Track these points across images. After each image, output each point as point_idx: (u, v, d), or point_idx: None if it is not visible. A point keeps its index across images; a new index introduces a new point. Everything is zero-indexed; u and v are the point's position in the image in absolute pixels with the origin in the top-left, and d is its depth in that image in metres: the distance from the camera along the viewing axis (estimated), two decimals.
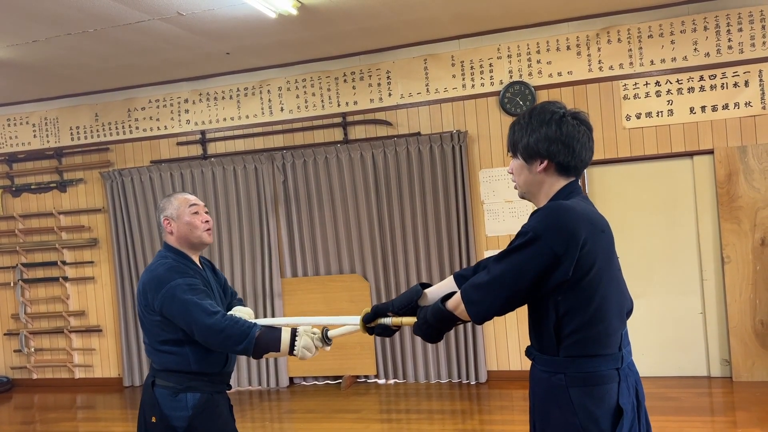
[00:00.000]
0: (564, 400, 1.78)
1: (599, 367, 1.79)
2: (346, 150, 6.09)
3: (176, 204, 2.59)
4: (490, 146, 5.85)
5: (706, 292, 5.49)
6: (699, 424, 4.48)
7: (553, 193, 1.88)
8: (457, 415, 5.08)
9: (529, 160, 1.88)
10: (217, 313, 2.36)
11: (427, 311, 1.96)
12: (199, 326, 2.34)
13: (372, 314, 2.18)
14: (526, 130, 1.87)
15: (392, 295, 6.04)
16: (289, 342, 2.35)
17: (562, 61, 5.67)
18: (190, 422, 2.42)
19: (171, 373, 2.46)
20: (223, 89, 6.52)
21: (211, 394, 2.49)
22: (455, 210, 5.85)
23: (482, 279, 1.81)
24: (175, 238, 2.58)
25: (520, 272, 1.75)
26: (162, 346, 2.47)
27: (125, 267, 6.71)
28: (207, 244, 2.62)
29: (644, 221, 5.63)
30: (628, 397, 1.81)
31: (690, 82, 5.41)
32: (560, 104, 1.89)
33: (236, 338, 2.32)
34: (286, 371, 6.29)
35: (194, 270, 2.56)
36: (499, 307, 1.80)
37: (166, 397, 2.44)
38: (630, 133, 5.56)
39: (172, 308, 2.39)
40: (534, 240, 1.73)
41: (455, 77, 5.92)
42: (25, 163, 7.14)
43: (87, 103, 6.90)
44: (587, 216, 1.80)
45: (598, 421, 1.75)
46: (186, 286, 2.41)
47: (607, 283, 1.82)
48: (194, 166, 6.47)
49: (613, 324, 1.82)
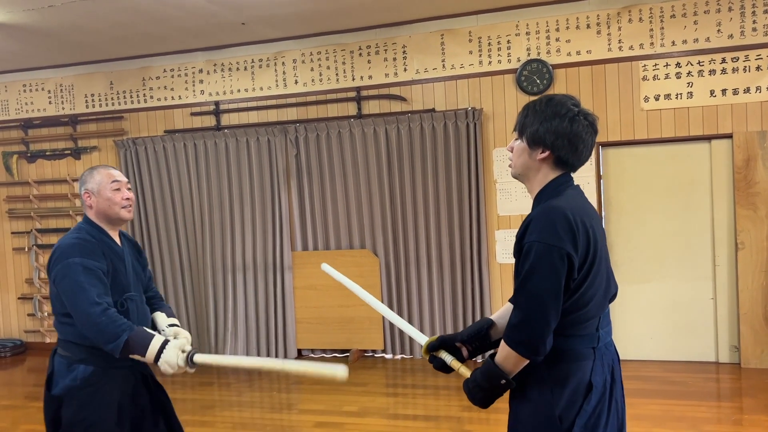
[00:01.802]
0: (539, 376, 1.85)
1: (575, 346, 1.86)
2: (360, 125, 6.05)
3: (98, 178, 2.56)
4: (506, 124, 5.80)
5: (718, 277, 5.46)
6: (705, 409, 4.48)
7: (547, 182, 1.92)
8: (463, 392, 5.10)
9: (532, 145, 1.92)
10: (100, 305, 2.33)
11: (478, 372, 1.92)
12: (78, 312, 2.33)
13: (438, 343, 2.10)
14: (538, 117, 1.89)
15: (401, 271, 6.05)
16: (156, 352, 2.33)
17: (581, 39, 5.58)
18: (76, 393, 2.42)
19: (69, 344, 2.47)
20: (237, 60, 6.48)
21: (105, 369, 2.46)
22: (467, 188, 5.82)
23: (519, 317, 1.80)
24: (94, 212, 2.56)
25: (549, 286, 1.77)
26: (63, 318, 2.47)
27: (138, 235, 6.76)
28: (125, 220, 2.59)
29: (658, 205, 5.58)
30: (601, 375, 1.88)
31: (711, 64, 5.31)
32: (576, 101, 1.92)
33: (107, 336, 2.30)
34: (294, 343, 6.35)
35: (107, 246, 2.53)
36: (546, 334, 1.78)
37: (62, 366, 2.46)
38: (648, 114, 5.48)
39: (62, 285, 2.38)
40: (546, 251, 1.77)
41: (472, 53, 5.85)
42: (40, 130, 7.17)
43: (102, 70, 6.89)
44: (579, 212, 1.84)
45: (570, 395, 1.83)
46: (81, 267, 2.38)
47: (595, 272, 1.86)
48: (207, 137, 6.47)
49: (593, 309, 1.88)
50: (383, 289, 6.08)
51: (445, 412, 4.68)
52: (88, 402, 2.44)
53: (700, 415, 4.34)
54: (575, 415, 1.83)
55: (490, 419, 4.53)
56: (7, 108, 7.24)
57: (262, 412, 4.90)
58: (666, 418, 4.32)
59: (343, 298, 6.02)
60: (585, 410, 1.84)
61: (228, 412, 4.92)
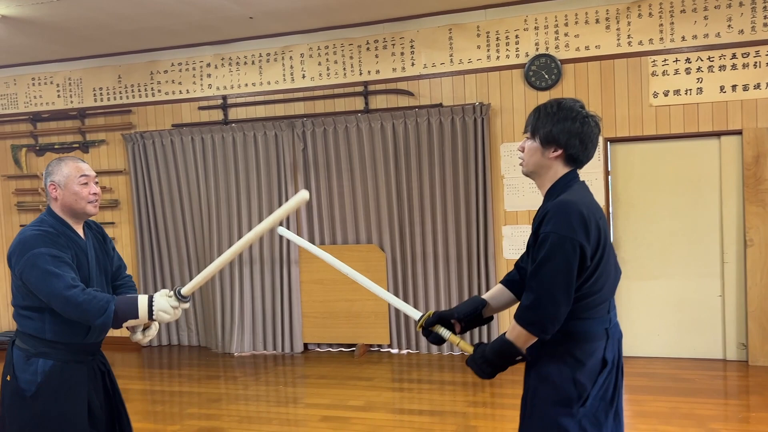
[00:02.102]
0: (559, 354, 2.05)
1: (591, 328, 2.06)
2: (367, 120, 6.05)
3: (66, 171, 2.51)
4: (513, 120, 5.78)
5: (726, 274, 5.43)
6: (711, 406, 4.46)
7: (557, 178, 2.11)
8: (468, 387, 5.11)
9: (545, 145, 2.10)
10: (77, 287, 2.33)
11: (487, 348, 2.09)
12: (57, 298, 2.32)
13: (434, 319, 2.28)
14: (551, 119, 2.08)
15: (407, 266, 6.05)
16: (147, 307, 2.35)
17: (590, 34, 5.54)
18: (38, 388, 2.42)
19: (28, 337, 2.45)
20: (245, 54, 6.48)
21: (65, 362, 2.46)
22: (474, 183, 5.81)
23: (530, 299, 1.99)
24: (59, 205, 2.52)
25: (562, 274, 1.95)
26: (23, 311, 2.46)
27: (146, 229, 6.79)
28: (91, 215, 2.56)
29: (667, 201, 5.55)
30: (611, 352, 2.10)
31: (722, 59, 5.27)
32: (582, 104, 2.13)
33: (94, 312, 2.31)
34: (300, 337, 6.37)
35: (70, 239, 2.50)
36: (557, 316, 1.97)
37: (21, 359, 2.45)
38: (657, 110, 5.45)
39: (31, 277, 2.35)
40: (560, 241, 1.95)
41: (480, 48, 5.82)
42: (48, 123, 7.20)
43: (110, 64, 6.91)
44: (589, 206, 2.03)
45: (587, 372, 2.04)
46: (49, 257, 2.36)
47: (606, 261, 2.07)
48: (215, 131, 6.48)
49: (605, 293, 2.09)
50: (389, 284, 6.08)
51: (450, 407, 4.68)
52: (60, 396, 2.44)
53: (707, 413, 4.32)
54: (591, 387, 2.04)
55: (496, 415, 4.53)
56: (16, 101, 7.27)
57: (268, 405, 4.92)
58: (672, 415, 4.30)
59: (350, 293, 6.03)
60: (598, 383, 2.06)
61: (234, 406, 4.94)
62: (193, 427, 4.47)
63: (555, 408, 2.04)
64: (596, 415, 2.06)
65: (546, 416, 2.06)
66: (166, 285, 6.73)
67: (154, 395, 5.36)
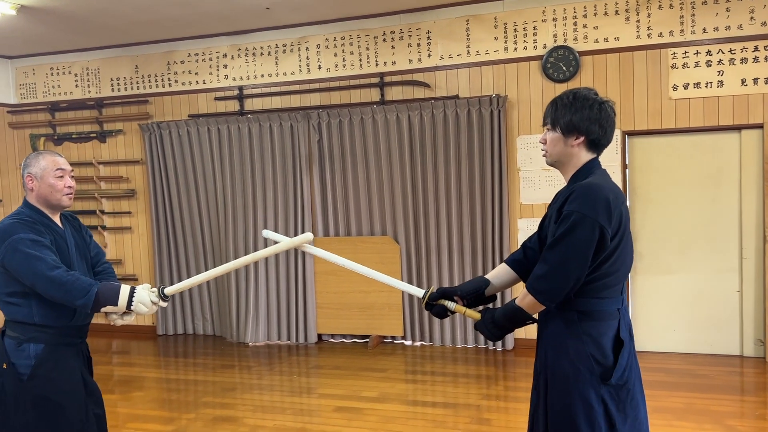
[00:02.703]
0: (575, 332, 2.12)
1: (605, 307, 2.13)
2: (383, 111, 6.03)
3: (43, 164, 2.59)
4: (530, 112, 5.73)
5: (744, 270, 5.36)
6: (728, 402, 4.42)
7: (580, 164, 2.19)
8: (482, 380, 5.11)
9: (567, 134, 2.18)
10: (59, 268, 2.41)
11: (496, 313, 2.21)
12: (40, 279, 2.39)
13: (438, 294, 2.39)
14: (569, 109, 2.16)
15: (422, 258, 6.04)
16: (128, 297, 2.43)
17: (609, 26, 5.48)
18: (33, 371, 2.49)
19: (17, 324, 2.53)
20: (261, 45, 6.48)
21: (55, 345, 2.54)
22: (490, 176, 5.78)
23: (543, 270, 2.07)
24: (35, 196, 2.60)
25: (577, 251, 2.02)
26: (9, 298, 2.52)
27: (162, 219, 6.83)
28: (66, 207, 2.65)
29: (685, 196, 5.49)
30: (625, 331, 2.16)
31: (743, 52, 5.19)
32: (596, 91, 2.21)
33: (76, 292, 2.38)
34: (315, 327, 6.39)
35: (48, 227, 2.58)
36: (566, 289, 2.05)
37: (12, 346, 2.52)
38: (676, 103, 5.38)
39: (13, 261, 2.42)
40: (582, 220, 2.02)
41: (497, 40, 5.78)
42: (66, 113, 7.25)
43: (127, 54, 6.94)
44: (612, 190, 2.10)
45: (604, 349, 2.11)
46: (29, 241, 2.44)
47: (624, 244, 2.13)
48: (231, 121, 6.50)
49: (622, 275, 2.16)
50: (404, 276, 6.07)
51: (464, 399, 4.68)
52: (54, 376, 2.52)
53: (723, 409, 4.29)
54: (611, 367, 2.09)
55: (509, 408, 4.52)
56: (34, 91, 7.33)
57: (282, 395, 4.95)
58: (688, 411, 4.27)
59: (364, 284, 6.03)
60: (620, 364, 2.10)
61: (249, 395, 4.97)
62: (208, 416, 4.51)
63: (576, 384, 2.09)
64: (619, 394, 2.11)
65: (567, 393, 2.11)
66: (182, 274, 6.77)
67: (169, 383, 5.41)
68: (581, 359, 2.09)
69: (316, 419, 4.42)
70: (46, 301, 2.48)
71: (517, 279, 2.42)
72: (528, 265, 2.36)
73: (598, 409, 2.08)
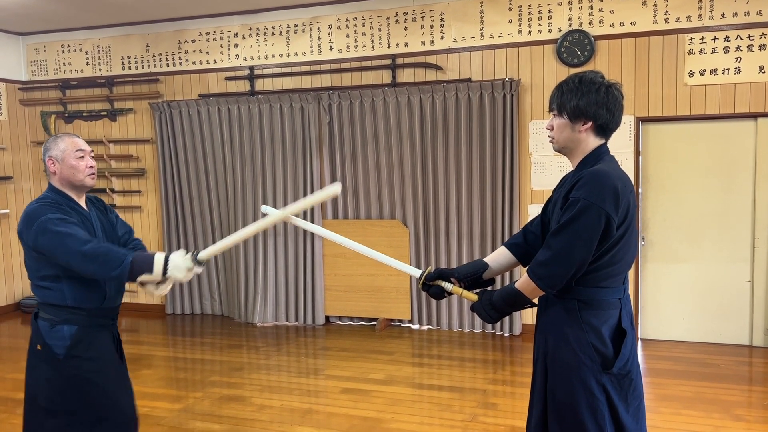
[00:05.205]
0: (576, 320, 2.10)
1: (607, 297, 2.11)
2: (394, 93, 5.98)
3: (63, 146, 2.60)
4: (543, 96, 5.67)
5: (756, 260, 5.32)
6: (737, 392, 4.41)
7: (588, 151, 2.15)
8: (489, 365, 5.11)
9: (574, 119, 2.13)
10: (91, 242, 2.40)
11: (494, 295, 2.20)
12: (74, 255, 2.38)
13: (435, 275, 2.38)
14: (575, 93, 2.11)
15: (431, 242, 6.03)
16: (163, 263, 2.40)
17: (625, 10, 5.39)
18: (68, 351, 2.51)
19: (49, 306, 2.54)
20: (273, 25, 6.43)
21: (88, 327, 2.56)
22: (501, 160, 5.73)
23: (546, 255, 2.04)
24: (58, 179, 2.61)
25: (582, 238, 1.99)
26: (41, 282, 2.53)
27: (171, 198, 6.84)
28: (89, 187, 2.65)
29: (698, 183, 5.43)
30: (627, 321, 2.15)
31: (762, 38, 5.10)
32: (602, 74, 2.16)
33: (112, 263, 2.36)
34: (322, 309, 6.40)
35: (73, 209, 2.58)
36: (567, 276, 2.03)
37: (46, 328, 2.53)
38: (692, 90, 5.31)
39: (45, 242, 2.42)
40: (588, 207, 1.98)
41: (512, 22, 5.71)
42: (77, 90, 7.25)
43: (138, 32, 6.91)
44: (621, 178, 2.06)
45: (604, 338, 2.09)
46: (57, 219, 2.44)
47: (630, 234, 2.10)
48: (241, 101, 6.47)
49: (625, 264, 2.13)
50: (412, 260, 6.06)
51: (470, 384, 4.68)
52: (88, 356, 2.54)
53: (731, 398, 4.27)
54: (612, 356, 2.08)
55: (516, 393, 4.52)
56: (45, 68, 7.32)
57: (289, 376, 4.97)
58: (696, 399, 4.26)
59: (373, 267, 6.03)
60: (623, 353, 2.09)
61: (256, 375, 5.00)
62: (216, 395, 4.54)
63: (578, 372, 2.08)
64: (621, 383, 2.10)
65: (568, 381, 2.10)
66: None
67: (177, 362, 5.44)
68: (582, 347, 2.08)
69: (323, 400, 4.44)
70: (78, 283, 2.50)
71: (516, 263, 2.40)
72: (527, 250, 2.35)
73: (600, 397, 2.07)
